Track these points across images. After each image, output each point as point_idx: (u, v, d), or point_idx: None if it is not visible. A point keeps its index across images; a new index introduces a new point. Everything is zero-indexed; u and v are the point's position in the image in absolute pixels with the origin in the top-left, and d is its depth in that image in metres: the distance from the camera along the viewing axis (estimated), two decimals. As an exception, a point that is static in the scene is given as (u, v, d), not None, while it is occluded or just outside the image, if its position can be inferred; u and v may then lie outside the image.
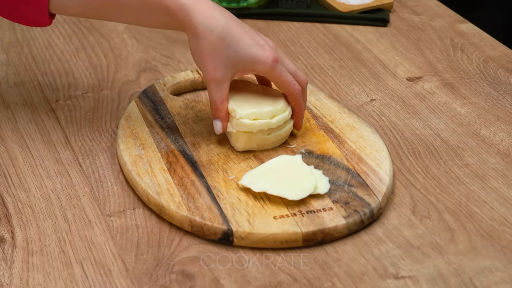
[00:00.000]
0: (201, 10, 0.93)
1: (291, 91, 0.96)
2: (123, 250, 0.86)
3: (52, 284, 0.82)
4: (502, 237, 0.88)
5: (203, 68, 0.94)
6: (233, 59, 0.93)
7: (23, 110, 1.08)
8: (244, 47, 0.93)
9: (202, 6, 0.93)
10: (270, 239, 0.86)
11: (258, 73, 0.96)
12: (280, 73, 0.95)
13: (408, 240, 0.87)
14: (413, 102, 1.11)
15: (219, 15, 0.93)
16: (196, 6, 0.93)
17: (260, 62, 0.94)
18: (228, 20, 0.94)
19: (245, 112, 0.94)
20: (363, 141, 0.99)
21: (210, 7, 0.93)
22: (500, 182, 0.96)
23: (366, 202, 0.89)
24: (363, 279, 0.82)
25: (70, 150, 1.00)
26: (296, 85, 0.96)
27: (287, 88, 0.96)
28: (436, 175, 0.97)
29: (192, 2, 0.93)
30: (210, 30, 0.92)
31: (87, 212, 0.91)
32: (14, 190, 0.94)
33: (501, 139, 1.03)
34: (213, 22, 0.93)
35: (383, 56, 1.22)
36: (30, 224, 0.89)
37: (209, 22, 0.92)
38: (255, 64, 0.94)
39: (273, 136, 0.96)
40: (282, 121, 0.96)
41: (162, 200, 0.89)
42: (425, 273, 0.83)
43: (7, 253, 0.85)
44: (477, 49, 1.23)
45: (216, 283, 0.82)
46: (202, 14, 0.93)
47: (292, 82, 0.95)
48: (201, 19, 0.92)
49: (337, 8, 1.32)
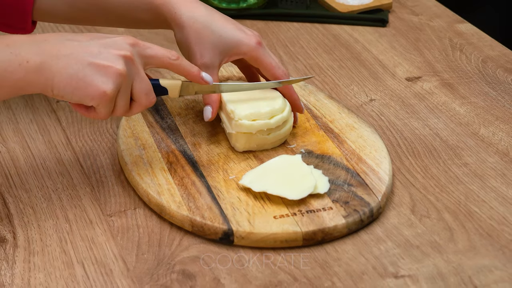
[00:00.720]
0: (184, 3, 0.97)
1: (277, 75, 0.97)
2: (124, 250, 0.86)
3: (54, 284, 0.82)
4: (501, 236, 0.88)
5: (191, 56, 0.96)
6: (218, 44, 0.96)
7: (24, 111, 1.08)
8: (228, 31, 0.96)
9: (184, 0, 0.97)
10: (270, 238, 0.86)
11: (244, 55, 0.97)
12: (265, 55, 0.97)
13: (407, 239, 0.87)
14: (412, 102, 1.11)
15: (201, 5, 0.97)
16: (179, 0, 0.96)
17: (244, 44, 0.96)
18: (210, 10, 0.98)
19: (244, 113, 0.95)
20: (362, 141, 0.99)
21: (192, 0, 0.97)
22: (499, 181, 0.96)
23: (366, 202, 0.89)
24: (363, 278, 0.82)
25: (71, 151, 1.00)
26: (281, 68, 0.97)
27: (272, 71, 0.97)
28: (435, 175, 0.97)
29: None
30: (194, 18, 0.96)
31: (88, 212, 0.91)
32: (16, 191, 0.94)
33: (500, 139, 1.03)
34: (196, 11, 0.96)
35: (382, 56, 1.22)
36: (31, 224, 0.89)
37: (192, 12, 0.96)
38: (239, 46, 0.96)
39: (273, 136, 0.97)
40: (281, 121, 0.96)
41: (163, 200, 0.90)
42: (425, 272, 0.83)
43: (8, 253, 0.85)
44: (475, 49, 1.24)
45: (217, 283, 0.82)
46: (185, 6, 0.96)
47: (277, 65, 0.97)
48: (184, 10, 0.96)
49: (336, 8, 1.32)
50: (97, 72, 0.83)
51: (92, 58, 0.83)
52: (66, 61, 0.82)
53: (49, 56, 0.82)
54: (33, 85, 0.83)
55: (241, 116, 0.95)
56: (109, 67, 0.83)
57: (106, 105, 0.84)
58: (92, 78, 0.83)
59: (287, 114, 0.97)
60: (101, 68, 0.83)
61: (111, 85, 0.83)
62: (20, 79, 0.82)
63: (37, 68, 0.82)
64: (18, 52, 0.82)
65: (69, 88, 0.83)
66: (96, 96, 0.83)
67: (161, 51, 0.88)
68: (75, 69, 0.82)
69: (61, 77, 0.82)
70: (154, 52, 0.88)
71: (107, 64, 0.83)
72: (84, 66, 0.83)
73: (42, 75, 0.82)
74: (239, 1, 1.31)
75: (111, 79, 0.83)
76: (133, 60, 0.85)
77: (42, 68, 0.82)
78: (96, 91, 0.83)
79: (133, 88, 0.86)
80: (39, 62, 0.82)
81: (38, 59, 0.82)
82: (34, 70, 0.82)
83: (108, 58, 0.83)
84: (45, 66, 0.82)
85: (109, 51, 0.84)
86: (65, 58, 0.83)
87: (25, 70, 0.82)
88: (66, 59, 0.83)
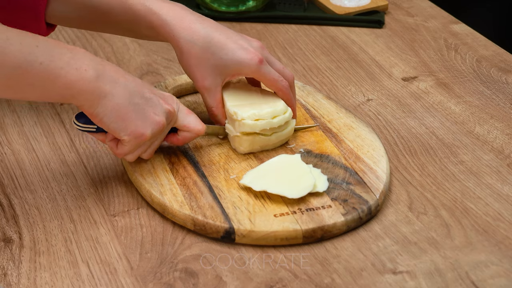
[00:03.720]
0: (182, 25, 0.96)
1: (279, 88, 0.98)
2: (127, 249, 0.86)
3: (59, 283, 0.82)
4: (497, 232, 0.88)
5: (192, 78, 0.97)
6: (219, 66, 0.96)
7: (28, 113, 1.08)
8: (228, 53, 0.95)
9: (183, 21, 0.96)
10: (270, 236, 0.86)
11: (245, 75, 0.98)
12: (266, 73, 0.97)
13: (405, 236, 0.87)
14: (408, 101, 1.11)
15: (199, 27, 0.96)
16: (177, 22, 0.96)
17: (245, 65, 0.96)
18: (209, 30, 0.96)
19: (246, 114, 0.95)
20: (360, 140, 0.99)
21: (191, 20, 0.96)
22: (494, 178, 0.96)
23: (364, 200, 0.90)
24: (362, 274, 0.83)
25: (75, 153, 1.01)
26: (283, 81, 0.98)
27: (274, 85, 0.98)
28: (432, 172, 0.97)
29: (174, 17, 0.96)
30: (192, 43, 0.95)
31: (92, 213, 0.91)
32: (21, 192, 0.94)
33: (494, 137, 1.03)
34: (194, 35, 0.95)
35: (378, 57, 1.22)
36: (37, 224, 0.89)
37: (190, 36, 0.95)
38: (241, 67, 0.96)
39: (275, 137, 0.97)
40: (283, 121, 0.96)
41: (165, 199, 0.90)
42: (422, 268, 0.83)
43: (15, 253, 0.85)
44: (470, 49, 1.23)
45: (219, 280, 0.82)
46: (184, 29, 0.95)
47: (278, 79, 0.97)
48: (183, 34, 0.95)
49: (333, 10, 1.32)
50: (143, 114, 0.87)
51: (143, 100, 0.88)
52: (123, 89, 0.86)
53: (108, 76, 0.86)
54: (81, 94, 0.85)
55: (244, 116, 0.95)
56: (155, 115, 0.89)
57: (134, 145, 0.89)
58: (137, 116, 0.87)
59: (289, 115, 0.97)
60: (148, 113, 0.88)
61: (149, 130, 0.88)
62: (71, 84, 0.84)
63: (93, 79, 0.84)
64: (78, 58, 0.84)
65: (113, 114, 0.86)
66: (133, 133, 0.88)
67: (193, 120, 0.94)
68: (127, 100, 0.87)
69: (112, 100, 0.86)
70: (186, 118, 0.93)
71: (153, 112, 0.88)
72: (136, 103, 0.87)
73: (95, 89, 0.85)
74: (238, 4, 1.32)
75: (152, 126, 0.88)
76: (173, 117, 0.91)
77: (98, 82, 0.85)
78: (135, 129, 0.88)
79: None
80: (96, 75, 0.85)
81: (96, 73, 0.85)
82: (89, 79, 0.84)
83: (155, 107, 0.88)
84: (102, 81, 0.85)
85: (159, 101, 0.89)
86: (123, 86, 0.86)
87: (79, 77, 0.84)
88: (123, 88, 0.86)
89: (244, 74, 0.97)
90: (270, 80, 0.97)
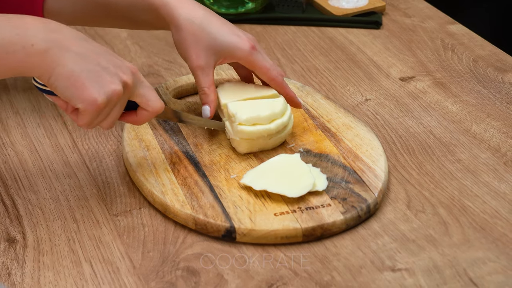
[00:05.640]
0: (182, 5, 0.98)
1: (272, 77, 0.98)
2: (130, 248, 0.86)
3: (63, 282, 0.82)
4: (494, 229, 0.88)
5: (187, 57, 0.98)
6: (214, 46, 0.97)
7: (31, 115, 1.08)
8: (223, 35, 0.98)
9: (183, 2, 0.98)
10: (271, 235, 0.86)
11: (238, 59, 0.98)
12: (259, 59, 0.98)
13: (403, 234, 0.88)
14: (406, 101, 1.12)
15: (199, 9, 0.99)
16: (178, 3, 0.98)
17: (239, 48, 0.97)
18: (207, 13, 0.99)
19: (244, 117, 0.95)
20: (359, 140, 1.00)
21: (191, 2, 0.99)
22: (491, 176, 0.96)
23: (363, 198, 0.90)
24: (361, 272, 0.83)
25: (77, 153, 1.01)
26: (276, 69, 0.99)
27: (267, 73, 0.98)
28: (430, 171, 0.97)
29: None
30: (191, 21, 0.97)
31: (95, 212, 0.91)
32: (25, 193, 0.95)
33: (491, 135, 1.04)
34: (193, 13, 0.98)
35: (376, 57, 1.22)
36: (40, 224, 0.90)
37: (189, 14, 0.98)
38: (234, 50, 0.97)
39: (274, 140, 0.97)
40: (281, 126, 0.96)
41: (167, 199, 0.90)
42: (421, 265, 0.84)
43: (19, 253, 0.86)
44: (467, 49, 1.24)
45: (220, 279, 0.83)
46: (184, 8, 0.98)
47: (271, 67, 0.98)
48: (182, 12, 0.98)
49: (331, 12, 1.33)
50: (97, 81, 0.84)
51: (99, 68, 0.84)
52: (75, 58, 0.83)
53: (59, 46, 0.83)
54: (32, 68, 0.83)
55: (242, 120, 0.95)
56: (110, 83, 0.84)
57: (90, 114, 0.85)
58: (91, 83, 0.83)
59: (287, 119, 0.97)
60: (103, 80, 0.84)
61: (103, 96, 0.84)
62: (20, 61, 0.82)
63: (41, 52, 0.82)
64: (24, 34, 0.82)
65: (65, 82, 0.83)
66: (86, 100, 0.83)
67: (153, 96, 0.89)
68: (80, 68, 0.83)
69: (64, 69, 0.83)
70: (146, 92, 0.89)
71: (109, 79, 0.84)
72: (89, 70, 0.83)
73: (45, 61, 0.83)
74: (237, 6, 1.32)
75: (106, 93, 0.84)
76: (130, 89, 0.87)
77: (47, 54, 0.82)
78: (89, 96, 0.83)
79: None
80: (45, 48, 0.83)
81: (44, 46, 0.83)
82: (37, 53, 0.82)
83: (112, 75, 0.85)
84: (51, 53, 0.83)
85: (116, 71, 0.85)
86: (75, 55, 0.83)
87: (26, 53, 0.82)
88: (75, 56, 0.83)
89: (237, 58, 0.98)
90: (262, 68, 0.98)
